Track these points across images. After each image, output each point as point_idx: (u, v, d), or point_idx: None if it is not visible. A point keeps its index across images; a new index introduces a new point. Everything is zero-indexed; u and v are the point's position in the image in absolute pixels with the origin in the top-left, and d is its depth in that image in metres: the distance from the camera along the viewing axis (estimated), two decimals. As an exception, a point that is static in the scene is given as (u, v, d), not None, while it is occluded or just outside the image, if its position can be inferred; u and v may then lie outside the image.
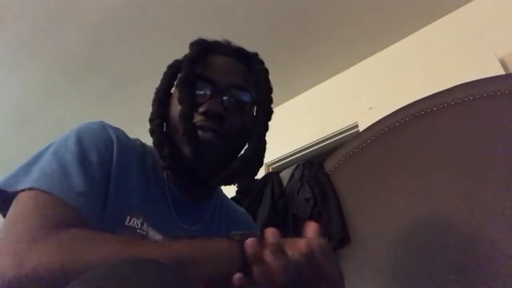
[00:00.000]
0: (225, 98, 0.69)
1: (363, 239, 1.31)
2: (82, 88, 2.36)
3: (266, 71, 0.76)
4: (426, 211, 1.19)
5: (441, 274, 1.08)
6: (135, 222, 0.61)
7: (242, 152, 0.73)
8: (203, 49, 0.73)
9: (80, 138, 0.61)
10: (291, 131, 2.22)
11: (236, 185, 0.72)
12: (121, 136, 0.68)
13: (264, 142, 0.75)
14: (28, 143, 2.50)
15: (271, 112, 0.75)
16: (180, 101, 0.68)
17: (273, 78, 0.76)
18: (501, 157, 1.11)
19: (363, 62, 2.18)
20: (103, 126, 0.67)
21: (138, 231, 0.61)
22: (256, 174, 0.76)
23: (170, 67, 0.78)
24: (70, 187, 0.55)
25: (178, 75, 0.74)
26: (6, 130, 2.65)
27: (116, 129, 0.68)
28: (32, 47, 2.07)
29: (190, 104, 0.67)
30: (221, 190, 0.85)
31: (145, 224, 0.63)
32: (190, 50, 0.74)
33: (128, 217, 0.61)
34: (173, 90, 0.76)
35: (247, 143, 0.72)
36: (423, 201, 1.21)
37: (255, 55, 0.78)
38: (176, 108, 0.69)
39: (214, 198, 0.79)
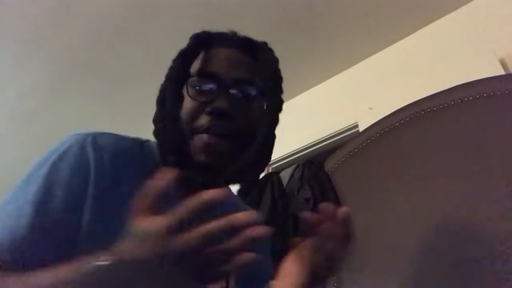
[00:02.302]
0: (231, 94, 0.65)
1: (363, 239, 1.31)
2: (82, 88, 2.35)
3: (274, 60, 0.71)
4: (426, 211, 1.19)
5: (440, 274, 1.08)
6: None
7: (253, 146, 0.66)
8: (199, 43, 0.69)
9: (49, 179, 0.56)
10: (291, 131, 2.22)
11: (240, 184, 0.69)
12: (105, 153, 0.60)
13: (272, 136, 0.70)
14: (28, 143, 2.50)
15: (280, 103, 0.69)
16: (166, 103, 0.64)
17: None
18: (500, 156, 1.11)
19: (363, 62, 2.18)
20: (82, 147, 0.59)
21: None
22: (262, 171, 0.70)
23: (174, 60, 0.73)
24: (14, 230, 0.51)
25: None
26: (6, 129, 2.65)
27: (98, 146, 0.60)
28: (32, 46, 2.07)
29: (175, 107, 0.63)
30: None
31: None
32: (188, 43, 0.70)
33: None
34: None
35: (257, 137, 0.66)
36: (423, 201, 1.21)
37: (263, 44, 0.73)
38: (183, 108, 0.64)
39: None
